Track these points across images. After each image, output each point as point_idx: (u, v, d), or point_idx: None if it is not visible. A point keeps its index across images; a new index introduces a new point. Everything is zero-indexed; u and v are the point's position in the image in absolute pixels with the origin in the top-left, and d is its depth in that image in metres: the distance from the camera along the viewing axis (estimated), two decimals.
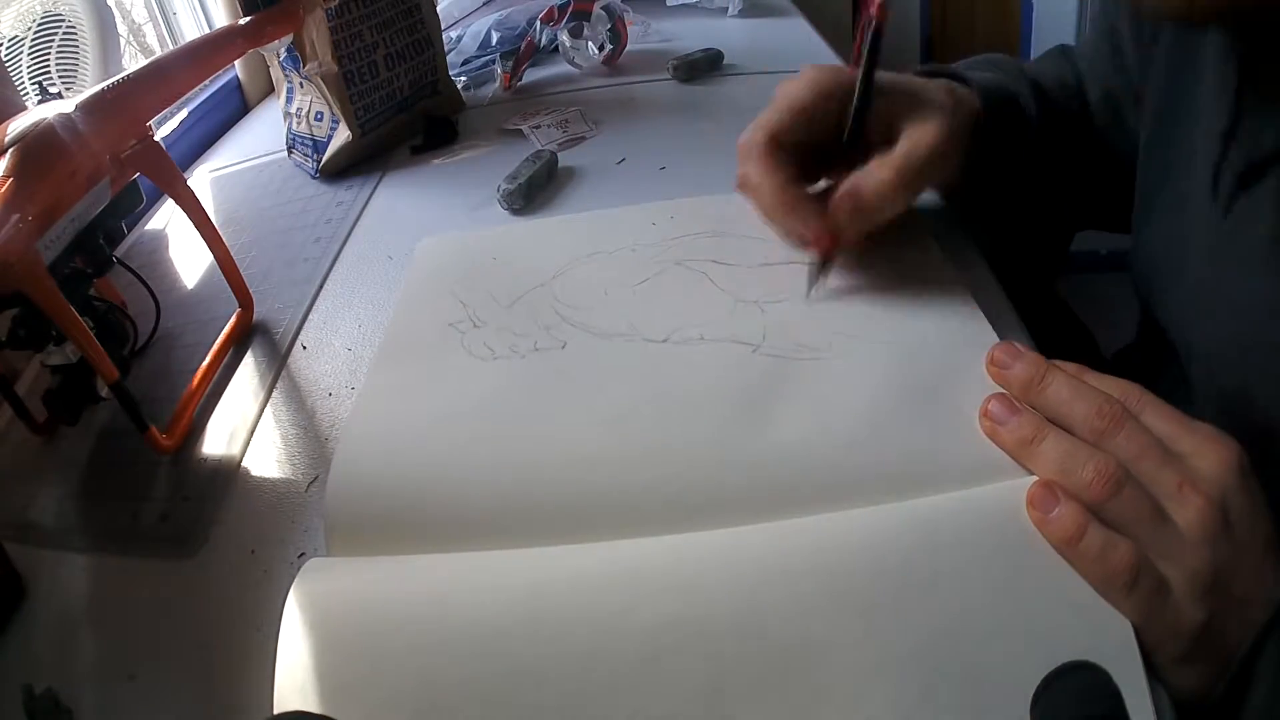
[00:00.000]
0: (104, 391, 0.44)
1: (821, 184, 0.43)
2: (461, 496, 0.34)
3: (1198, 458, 0.28)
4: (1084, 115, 0.50)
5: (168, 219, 0.68)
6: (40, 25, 0.66)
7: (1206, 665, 0.26)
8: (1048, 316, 0.44)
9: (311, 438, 0.43)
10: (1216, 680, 0.26)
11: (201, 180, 0.76)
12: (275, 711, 0.28)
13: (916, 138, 0.39)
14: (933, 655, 0.26)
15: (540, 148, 0.63)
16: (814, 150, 0.42)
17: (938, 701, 0.25)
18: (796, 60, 0.77)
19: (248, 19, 0.55)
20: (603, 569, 0.30)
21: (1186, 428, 0.29)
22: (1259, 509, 0.27)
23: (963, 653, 0.26)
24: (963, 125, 0.42)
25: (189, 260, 0.61)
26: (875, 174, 0.39)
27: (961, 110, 0.42)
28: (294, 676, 0.28)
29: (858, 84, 0.40)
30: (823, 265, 0.41)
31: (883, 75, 0.41)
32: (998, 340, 0.35)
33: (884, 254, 0.43)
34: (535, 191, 0.58)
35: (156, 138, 0.46)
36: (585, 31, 0.79)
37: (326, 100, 0.67)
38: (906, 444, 0.32)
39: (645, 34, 0.86)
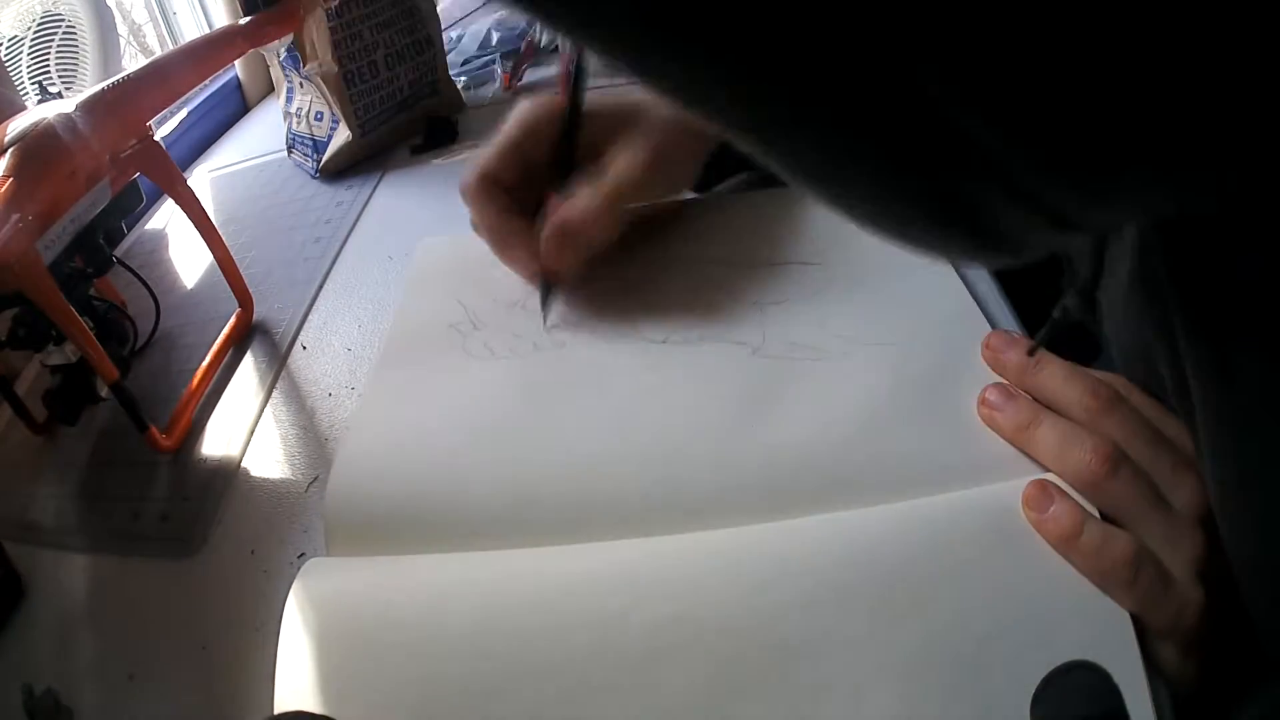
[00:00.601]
0: (104, 391, 0.44)
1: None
2: (461, 497, 0.34)
3: (1182, 439, 0.28)
4: None
5: (167, 219, 0.68)
6: (40, 25, 0.66)
7: (1206, 650, 0.26)
8: (1048, 316, 0.44)
9: (311, 438, 0.43)
10: (1213, 667, 0.26)
11: (201, 180, 0.76)
12: (275, 711, 0.28)
13: (620, 164, 0.40)
14: (933, 655, 0.26)
15: None
16: (535, 181, 0.42)
17: (938, 701, 0.25)
18: None
19: (248, 19, 0.55)
20: (602, 569, 0.30)
21: (1169, 417, 0.29)
22: None
23: (963, 652, 0.26)
24: (682, 138, 0.42)
25: (189, 260, 0.61)
26: (579, 203, 0.39)
27: (675, 125, 0.42)
28: (294, 676, 0.28)
29: (565, 113, 0.40)
30: (546, 294, 0.42)
31: (598, 99, 0.41)
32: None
33: (883, 254, 0.43)
34: None
35: (156, 137, 0.46)
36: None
37: (326, 100, 0.67)
38: (906, 444, 0.32)
39: None
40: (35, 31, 0.65)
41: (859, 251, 0.43)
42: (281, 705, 0.28)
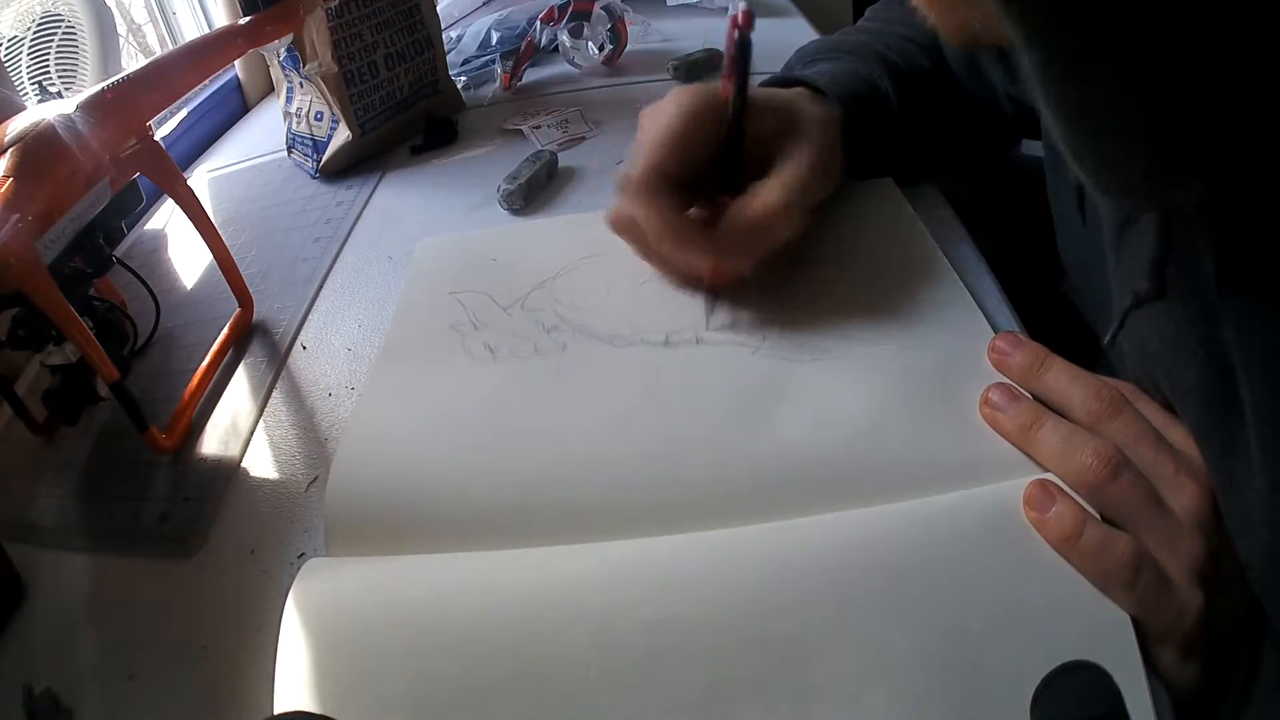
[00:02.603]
0: (104, 391, 0.44)
1: (694, 212, 0.41)
2: (461, 497, 0.34)
3: (1186, 445, 0.28)
4: (942, 65, 0.50)
5: (168, 218, 0.68)
6: (39, 25, 0.66)
7: (1204, 655, 0.27)
8: (1050, 315, 0.44)
9: (311, 438, 0.43)
10: (1211, 670, 0.27)
11: (201, 180, 0.76)
12: (275, 712, 0.28)
13: (799, 159, 0.38)
14: (933, 655, 0.26)
15: (540, 148, 0.63)
16: (696, 174, 0.40)
17: (938, 701, 0.25)
18: None
19: (247, 19, 0.55)
20: (602, 568, 0.30)
21: (1174, 420, 0.29)
22: None
23: (963, 652, 0.26)
24: (835, 137, 0.42)
25: (189, 260, 0.61)
26: (764, 198, 0.37)
27: (832, 123, 0.42)
28: (294, 676, 0.28)
29: (731, 103, 0.38)
30: (715, 297, 0.41)
31: (756, 91, 0.39)
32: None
33: (883, 256, 0.43)
34: (535, 192, 0.58)
35: (156, 137, 0.46)
36: (585, 31, 0.79)
37: (326, 100, 0.67)
38: (906, 444, 0.32)
39: (645, 34, 0.85)
40: (35, 32, 0.65)
41: (860, 252, 0.43)
42: (281, 705, 0.28)
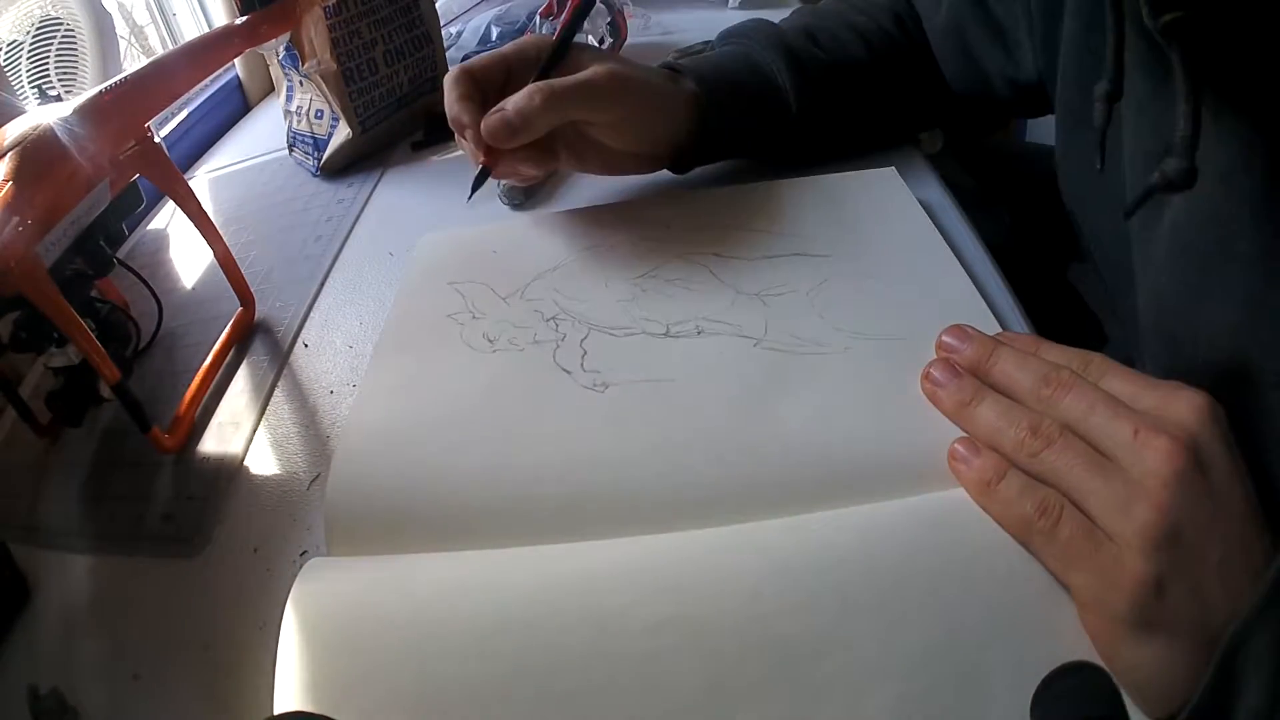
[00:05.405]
0: (107, 392, 0.44)
1: None
2: (461, 494, 0.34)
3: (1163, 407, 0.26)
4: (884, 51, 0.52)
5: (169, 219, 0.68)
6: (39, 29, 0.66)
7: (1176, 640, 0.24)
8: (1056, 305, 0.43)
9: (313, 436, 0.43)
10: (1196, 666, 0.23)
11: (203, 179, 0.76)
12: (275, 712, 0.28)
13: (570, 76, 0.44)
14: (933, 654, 0.26)
15: None
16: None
17: (938, 700, 0.25)
18: None
19: (243, 19, 0.55)
20: (603, 567, 0.30)
21: (1150, 385, 0.27)
22: (1235, 464, 0.25)
23: (963, 652, 0.26)
24: (660, 99, 0.47)
25: (191, 260, 0.61)
26: (520, 94, 0.43)
27: (655, 83, 0.47)
28: (294, 676, 0.28)
29: (555, 39, 0.46)
30: (480, 173, 0.46)
31: (600, 51, 0.47)
32: (1001, 332, 0.35)
33: (887, 246, 0.42)
34: (535, 186, 0.58)
35: (158, 138, 0.46)
36: (585, 25, 0.78)
37: (326, 98, 0.67)
38: (909, 441, 0.32)
39: (645, 27, 0.85)
40: (34, 36, 0.66)
41: (863, 244, 0.43)
42: (281, 705, 0.28)
